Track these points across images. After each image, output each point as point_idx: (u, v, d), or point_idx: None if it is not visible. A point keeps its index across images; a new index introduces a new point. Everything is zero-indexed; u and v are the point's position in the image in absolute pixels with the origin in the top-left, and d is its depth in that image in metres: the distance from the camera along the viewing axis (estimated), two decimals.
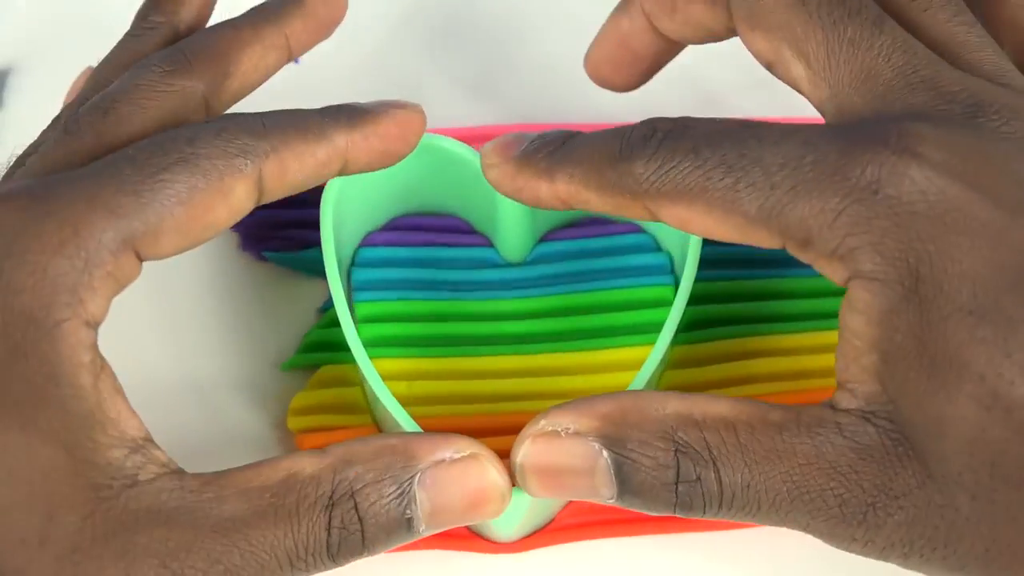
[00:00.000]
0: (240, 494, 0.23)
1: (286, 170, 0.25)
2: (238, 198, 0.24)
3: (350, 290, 0.32)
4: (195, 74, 0.26)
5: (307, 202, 0.33)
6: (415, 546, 0.30)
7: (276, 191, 0.25)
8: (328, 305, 0.33)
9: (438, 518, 0.24)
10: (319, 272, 0.33)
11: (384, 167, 0.26)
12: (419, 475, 0.23)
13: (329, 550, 0.23)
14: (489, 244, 0.33)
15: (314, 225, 0.33)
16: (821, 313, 0.33)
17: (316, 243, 0.32)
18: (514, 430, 0.31)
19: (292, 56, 0.29)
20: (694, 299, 0.32)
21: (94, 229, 0.22)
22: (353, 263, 0.33)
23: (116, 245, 0.23)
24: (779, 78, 0.26)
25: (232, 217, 0.24)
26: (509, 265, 0.33)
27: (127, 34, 0.29)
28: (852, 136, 0.23)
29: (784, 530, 0.31)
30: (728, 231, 0.23)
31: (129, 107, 0.25)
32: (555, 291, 0.33)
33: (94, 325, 0.23)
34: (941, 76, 0.24)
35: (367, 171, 0.26)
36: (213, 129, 0.24)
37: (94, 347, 0.22)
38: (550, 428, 0.23)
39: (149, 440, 0.23)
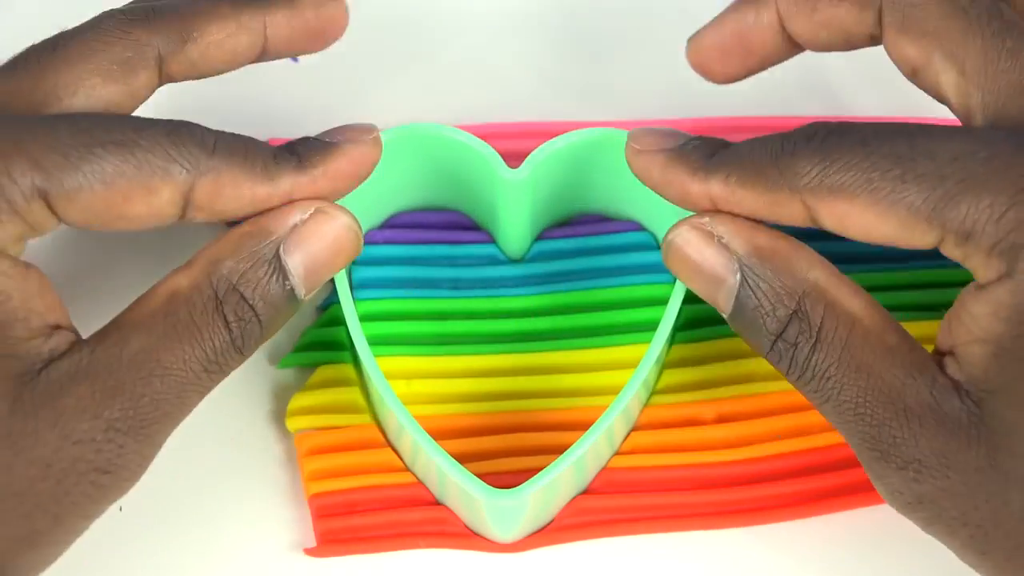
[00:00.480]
0: (136, 329, 0.24)
1: (219, 195, 0.24)
2: (161, 202, 0.24)
3: (350, 288, 0.32)
4: (154, 29, 0.26)
5: None
6: (414, 544, 0.30)
7: (203, 211, 0.25)
8: (327, 303, 0.33)
9: (312, 277, 0.25)
10: None
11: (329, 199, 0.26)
12: (282, 245, 0.25)
13: (235, 344, 0.24)
14: (490, 241, 0.33)
15: None
16: None
17: None
18: (514, 428, 0.31)
19: (267, 50, 0.28)
20: (692, 298, 0.33)
21: (12, 170, 0.23)
22: (353, 261, 0.33)
23: (29, 191, 0.23)
24: (921, 86, 0.26)
25: (150, 218, 0.24)
26: (509, 262, 0.33)
27: None
28: None
29: (784, 532, 0.31)
30: (888, 227, 0.24)
31: (80, 47, 0.26)
32: (555, 289, 0.33)
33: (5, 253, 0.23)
34: None
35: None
36: (164, 129, 0.24)
37: (7, 257, 0.23)
38: (708, 228, 0.25)
39: (66, 321, 0.24)
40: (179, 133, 0.24)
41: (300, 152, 0.25)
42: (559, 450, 0.31)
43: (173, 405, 0.24)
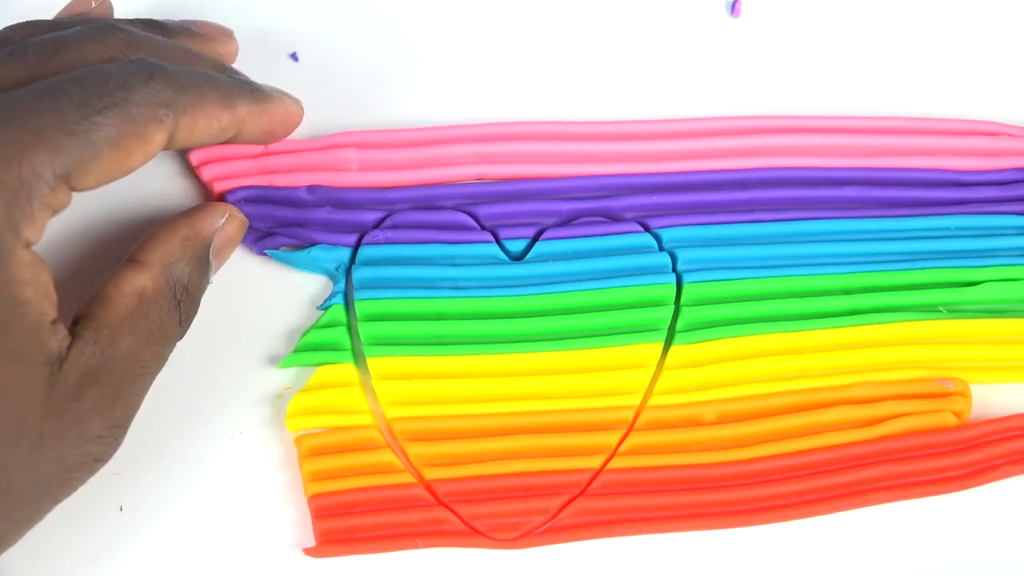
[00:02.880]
0: (121, 332, 0.27)
1: (195, 128, 0.28)
2: (155, 146, 0.27)
3: (351, 288, 0.32)
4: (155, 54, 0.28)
5: (307, 203, 0.33)
6: (412, 544, 0.30)
7: (181, 144, 0.28)
8: (327, 304, 0.33)
9: (217, 270, 0.30)
10: (319, 270, 0.33)
11: (260, 144, 0.31)
12: (212, 248, 0.30)
13: (178, 334, 0.29)
14: (490, 241, 0.33)
15: (315, 226, 0.33)
16: (822, 313, 0.33)
17: (316, 243, 0.32)
18: (514, 430, 0.31)
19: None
20: (695, 300, 0.33)
21: (37, 164, 0.24)
22: (354, 262, 0.33)
23: (54, 180, 0.25)
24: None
25: (144, 162, 0.27)
26: (510, 263, 0.33)
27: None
28: None
29: (784, 532, 0.31)
30: None
31: (76, 54, 0.27)
32: (555, 290, 0.33)
33: (28, 244, 0.25)
34: None
35: (260, 140, 0.31)
36: (143, 76, 0.26)
37: (34, 263, 0.25)
38: None
39: (57, 312, 0.26)
40: (156, 78, 0.26)
41: (250, 87, 0.30)
42: (559, 452, 0.31)
43: (143, 397, 0.28)
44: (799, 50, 0.37)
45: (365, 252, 0.33)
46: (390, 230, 0.33)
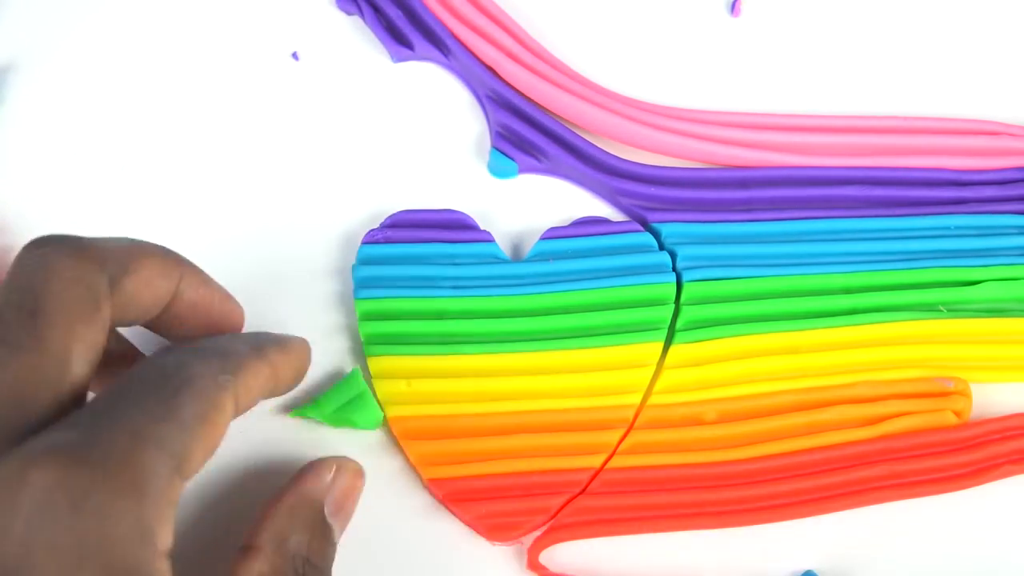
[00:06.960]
0: None
1: (250, 389, 0.27)
2: (227, 414, 0.26)
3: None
4: (99, 259, 0.26)
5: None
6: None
7: (243, 406, 0.26)
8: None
9: (345, 525, 0.29)
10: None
11: (289, 388, 0.29)
12: (326, 508, 0.28)
13: None
14: (490, 240, 0.33)
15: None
16: (822, 312, 0.33)
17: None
18: (514, 429, 0.31)
19: (175, 307, 0.29)
20: (695, 299, 0.33)
21: (150, 460, 0.23)
22: (355, 261, 0.33)
23: (169, 472, 0.23)
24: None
25: (223, 434, 0.25)
26: (510, 261, 0.33)
27: None
28: None
29: (784, 532, 0.31)
30: None
31: (55, 305, 0.25)
32: (555, 289, 0.33)
33: (167, 553, 0.23)
34: None
35: (285, 391, 0.29)
36: (190, 351, 0.26)
37: (169, 572, 0.23)
38: None
39: None
40: (200, 350, 0.26)
41: (272, 337, 0.29)
42: (559, 451, 0.31)
43: None
44: (799, 49, 0.37)
45: (365, 251, 0.33)
46: (390, 229, 0.33)
